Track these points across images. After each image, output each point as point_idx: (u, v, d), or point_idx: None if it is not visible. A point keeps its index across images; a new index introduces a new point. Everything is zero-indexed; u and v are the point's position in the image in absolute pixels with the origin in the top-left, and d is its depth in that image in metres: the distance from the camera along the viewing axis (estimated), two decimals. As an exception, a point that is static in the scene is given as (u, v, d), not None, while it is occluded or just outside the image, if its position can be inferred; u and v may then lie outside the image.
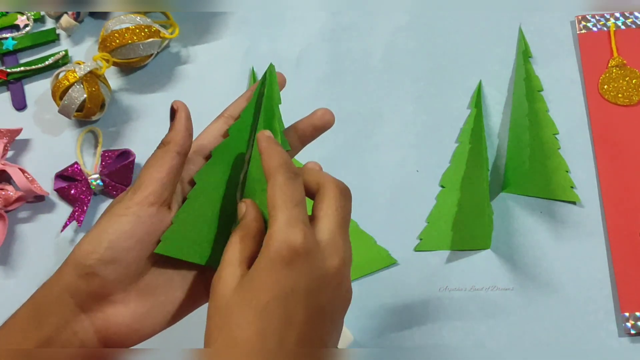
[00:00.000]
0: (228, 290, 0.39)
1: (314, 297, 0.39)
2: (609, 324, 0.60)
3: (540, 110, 0.67)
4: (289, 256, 0.38)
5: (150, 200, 0.42)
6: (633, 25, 0.69)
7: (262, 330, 0.38)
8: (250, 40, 0.72)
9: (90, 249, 0.41)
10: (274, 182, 0.40)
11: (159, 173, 0.43)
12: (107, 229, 0.42)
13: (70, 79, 0.65)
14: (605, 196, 0.64)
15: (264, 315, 0.38)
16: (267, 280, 0.38)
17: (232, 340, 0.38)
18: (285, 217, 0.39)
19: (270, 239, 0.39)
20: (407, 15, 0.72)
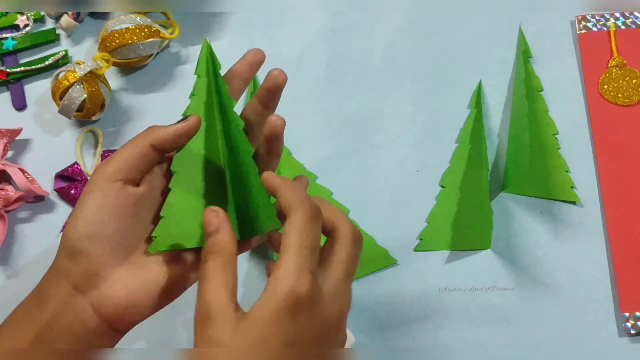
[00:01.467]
0: (226, 336, 0.38)
1: (315, 344, 0.40)
2: (609, 324, 0.60)
3: (540, 110, 0.67)
4: (294, 306, 0.38)
5: (116, 176, 0.44)
6: (633, 25, 0.69)
7: None
8: (250, 40, 0.72)
9: (70, 229, 0.43)
10: (294, 221, 0.40)
11: (127, 153, 0.44)
12: (80, 207, 0.43)
13: (70, 79, 0.65)
14: (605, 196, 0.64)
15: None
16: (274, 329, 0.38)
17: None
18: (297, 263, 0.39)
19: (279, 285, 0.38)
20: (407, 15, 0.72)
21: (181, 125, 0.45)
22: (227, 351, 0.38)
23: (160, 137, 0.45)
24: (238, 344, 0.38)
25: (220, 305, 0.39)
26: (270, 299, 0.38)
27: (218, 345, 0.38)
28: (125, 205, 0.44)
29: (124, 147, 0.45)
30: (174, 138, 0.45)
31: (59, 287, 0.43)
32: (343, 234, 0.42)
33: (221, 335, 0.38)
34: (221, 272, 0.40)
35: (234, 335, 0.38)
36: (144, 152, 0.44)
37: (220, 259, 0.41)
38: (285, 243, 0.40)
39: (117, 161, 0.44)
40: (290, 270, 0.39)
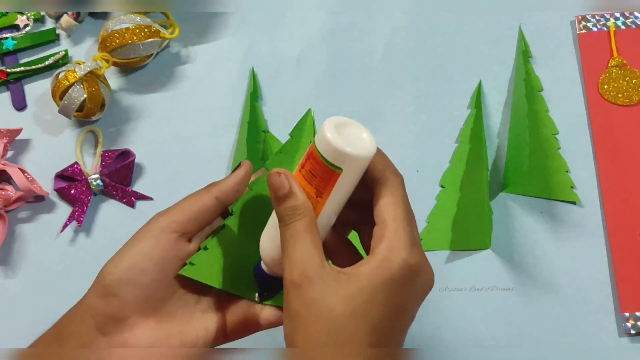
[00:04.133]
0: (328, 297, 0.38)
1: (415, 310, 0.40)
2: (609, 324, 0.60)
3: (540, 110, 0.67)
4: (408, 277, 0.38)
5: (173, 227, 0.43)
6: (633, 25, 0.69)
7: (374, 344, 0.38)
8: (250, 40, 0.72)
9: (110, 269, 0.43)
10: (395, 190, 0.40)
11: (190, 206, 0.44)
12: (128, 251, 0.43)
13: (70, 79, 0.65)
14: (605, 196, 0.64)
15: (376, 332, 0.38)
16: (383, 299, 0.38)
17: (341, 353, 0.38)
18: (409, 234, 0.39)
19: (392, 255, 0.38)
20: (407, 15, 0.72)
21: (238, 172, 0.45)
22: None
23: (224, 189, 0.45)
24: (343, 307, 0.37)
25: (316, 263, 0.38)
26: (384, 267, 0.38)
27: (320, 307, 0.37)
28: (172, 259, 0.44)
29: (185, 200, 0.45)
30: (236, 186, 0.45)
31: (83, 326, 0.43)
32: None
33: (323, 296, 0.38)
34: (309, 232, 0.39)
35: (337, 295, 0.38)
36: (207, 204, 0.44)
37: (306, 220, 0.40)
38: (392, 212, 0.39)
39: (177, 212, 0.44)
40: (403, 241, 0.38)
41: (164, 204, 0.66)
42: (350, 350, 0.37)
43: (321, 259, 0.39)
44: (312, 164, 0.40)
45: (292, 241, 0.39)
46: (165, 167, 0.68)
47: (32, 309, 0.64)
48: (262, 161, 0.65)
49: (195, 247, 0.45)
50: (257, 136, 0.67)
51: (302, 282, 0.38)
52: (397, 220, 0.39)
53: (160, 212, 0.44)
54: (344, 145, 0.38)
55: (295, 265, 0.39)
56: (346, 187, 0.40)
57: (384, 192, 0.40)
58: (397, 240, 0.39)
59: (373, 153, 0.39)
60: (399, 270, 0.38)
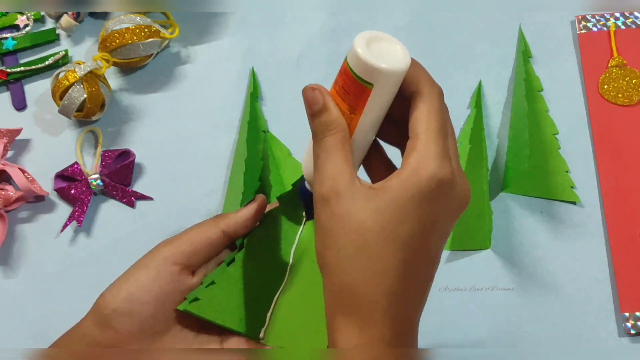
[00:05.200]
0: (358, 211, 0.36)
1: (448, 227, 0.39)
2: (609, 324, 0.60)
3: (540, 110, 0.67)
4: (436, 190, 0.37)
5: (176, 259, 0.42)
6: (633, 25, 0.69)
7: (403, 263, 0.37)
8: (250, 40, 0.72)
9: (108, 298, 0.42)
10: (430, 103, 0.38)
11: (196, 237, 0.43)
12: (128, 280, 0.42)
13: (70, 79, 0.65)
14: (605, 196, 0.64)
15: (406, 248, 0.37)
16: (411, 213, 0.36)
17: (370, 268, 0.36)
18: (440, 147, 0.37)
19: (421, 167, 0.37)
20: (407, 15, 0.72)
21: (250, 207, 0.44)
22: None
23: (232, 223, 0.44)
24: (372, 221, 0.36)
25: (346, 179, 0.37)
26: (412, 180, 0.36)
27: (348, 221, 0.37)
28: (173, 292, 0.43)
29: (192, 231, 0.43)
30: (245, 221, 0.44)
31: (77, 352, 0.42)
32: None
33: (352, 210, 0.37)
34: (341, 148, 0.38)
35: (365, 210, 0.36)
36: (214, 237, 0.43)
37: (338, 135, 0.38)
38: (424, 125, 0.37)
39: (182, 243, 0.43)
40: (432, 153, 0.37)
41: (164, 204, 0.67)
42: (379, 267, 0.36)
43: (351, 175, 0.38)
44: (344, 80, 0.39)
45: (323, 156, 0.38)
46: (165, 167, 0.68)
47: (32, 309, 0.64)
48: (261, 161, 0.65)
49: (198, 280, 0.44)
50: (257, 136, 0.67)
51: (331, 197, 0.37)
52: (428, 133, 0.37)
53: (165, 241, 0.43)
54: (374, 60, 0.37)
55: (324, 180, 0.38)
56: (379, 102, 0.38)
57: (418, 104, 0.38)
58: (427, 152, 0.37)
59: (405, 68, 0.38)
60: (427, 184, 0.36)
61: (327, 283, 0.38)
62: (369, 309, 0.37)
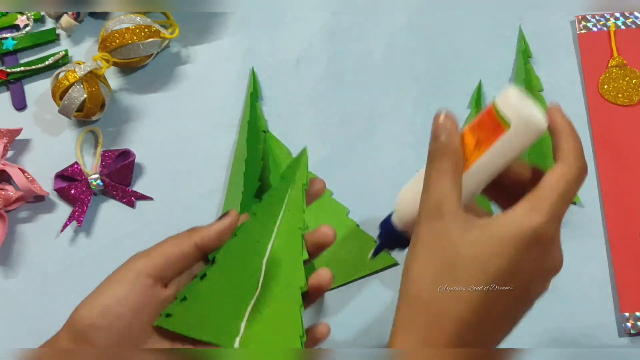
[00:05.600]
0: (455, 234, 0.39)
1: (536, 285, 0.41)
2: (609, 324, 0.60)
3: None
4: (536, 243, 0.38)
5: (150, 272, 0.43)
6: (633, 25, 0.69)
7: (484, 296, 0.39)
8: (250, 40, 0.72)
9: (83, 313, 0.42)
10: (568, 169, 0.39)
11: (169, 250, 0.44)
12: (102, 294, 0.42)
13: (70, 79, 0.65)
14: (605, 196, 0.64)
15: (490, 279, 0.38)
16: (505, 252, 0.38)
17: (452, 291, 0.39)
18: (555, 207, 0.39)
19: (531, 217, 0.38)
20: (407, 15, 0.72)
21: (223, 221, 0.45)
22: None
23: (205, 236, 0.44)
24: (467, 248, 0.38)
25: (452, 203, 0.39)
26: (516, 224, 0.38)
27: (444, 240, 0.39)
28: (148, 305, 0.43)
29: (165, 244, 0.44)
30: (218, 235, 0.45)
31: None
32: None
33: (451, 232, 0.39)
34: (452, 173, 0.40)
35: (464, 236, 0.39)
36: (187, 251, 0.44)
37: (452, 161, 0.40)
38: (554, 182, 0.39)
39: (155, 256, 0.43)
40: (547, 209, 0.38)
41: (164, 204, 0.67)
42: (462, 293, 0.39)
43: (457, 200, 0.39)
44: (483, 117, 0.40)
45: (435, 175, 0.40)
46: (165, 167, 0.68)
47: (32, 309, 0.64)
48: (261, 161, 0.65)
49: (172, 293, 0.44)
50: (257, 136, 0.67)
51: (435, 214, 0.39)
52: (553, 190, 0.39)
53: (138, 254, 0.44)
54: (521, 102, 0.39)
55: (432, 197, 0.40)
56: (508, 146, 0.40)
57: (558, 164, 0.40)
58: (543, 206, 0.38)
59: (543, 126, 0.40)
60: (530, 234, 0.38)
61: (405, 292, 0.40)
62: (437, 328, 0.39)
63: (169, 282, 0.44)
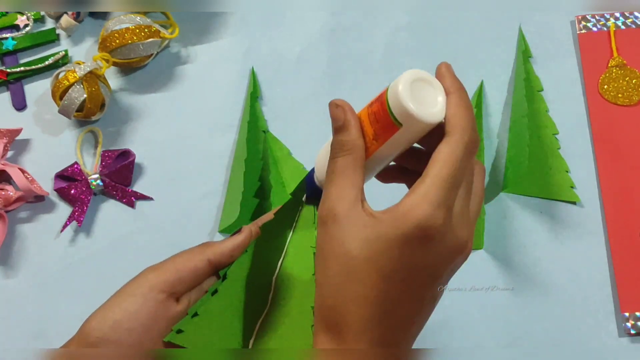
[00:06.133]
0: (350, 239, 0.38)
1: (438, 270, 0.39)
2: (609, 324, 0.60)
3: (540, 110, 0.67)
4: (423, 237, 0.37)
5: (162, 287, 0.43)
6: (633, 25, 0.69)
7: (382, 295, 0.37)
8: (250, 40, 0.72)
9: (94, 326, 0.42)
10: (449, 149, 0.37)
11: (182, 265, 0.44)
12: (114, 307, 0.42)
13: (70, 79, 0.65)
14: (605, 196, 0.64)
15: (388, 281, 0.37)
16: (396, 251, 0.37)
17: (353, 293, 0.38)
18: (437, 196, 0.37)
19: (413, 210, 0.37)
20: (407, 15, 0.72)
21: (237, 238, 0.45)
22: None
23: (218, 252, 0.45)
24: (360, 250, 0.37)
25: (348, 203, 0.38)
26: (402, 221, 0.37)
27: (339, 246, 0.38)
28: (159, 319, 0.43)
29: (178, 258, 0.44)
30: (231, 251, 0.45)
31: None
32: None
33: (344, 235, 0.38)
34: (351, 170, 0.39)
35: (356, 238, 0.38)
36: (199, 266, 0.44)
37: (350, 157, 0.39)
38: (436, 169, 0.37)
39: (168, 271, 0.43)
40: (429, 200, 0.37)
41: (164, 204, 0.67)
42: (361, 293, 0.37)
43: (355, 199, 0.38)
44: (377, 108, 0.39)
45: (331, 176, 0.39)
46: (165, 167, 0.68)
47: (32, 309, 0.64)
48: (261, 161, 0.66)
49: (183, 307, 0.44)
50: (257, 136, 0.67)
51: (328, 220, 0.38)
52: (435, 178, 0.37)
53: (150, 268, 0.44)
54: (410, 104, 0.37)
55: (326, 202, 0.39)
56: (403, 141, 0.39)
57: (441, 147, 0.37)
58: (425, 197, 0.37)
59: (436, 121, 0.37)
60: (414, 229, 0.37)
61: (316, 299, 0.39)
62: (346, 331, 0.38)
63: (180, 297, 0.45)
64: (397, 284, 0.38)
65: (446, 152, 0.37)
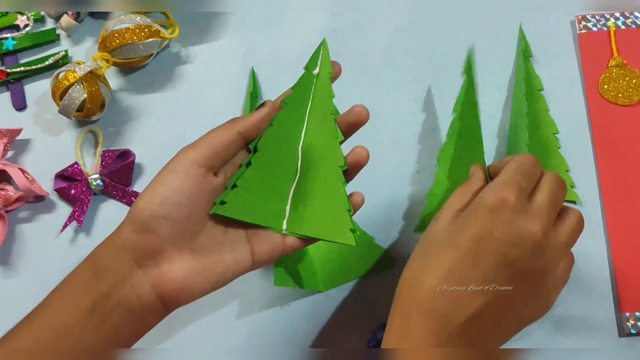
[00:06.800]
0: (440, 228, 0.47)
1: (505, 249, 0.44)
2: (609, 324, 0.60)
3: (540, 109, 0.67)
4: (494, 205, 0.44)
5: (200, 161, 0.45)
6: (633, 25, 0.69)
7: (453, 262, 0.45)
8: (250, 40, 0.72)
9: (144, 205, 0.44)
10: (517, 157, 0.48)
11: (216, 140, 0.46)
12: (160, 186, 0.45)
13: (70, 79, 0.65)
14: (605, 196, 0.64)
15: (457, 250, 0.45)
16: (469, 221, 0.45)
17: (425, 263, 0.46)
18: (506, 178, 0.46)
19: (485, 191, 0.46)
20: (407, 15, 0.72)
21: (262, 111, 0.48)
22: None
23: (247, 124, 0.47)
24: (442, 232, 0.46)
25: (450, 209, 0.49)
26: (481, 197, 0.46)
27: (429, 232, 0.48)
28: (202, 192, 0.46)
29: (210, 135, 0.47)
30: (259, 123, 0.48)
31: (120, 260, 0.45)
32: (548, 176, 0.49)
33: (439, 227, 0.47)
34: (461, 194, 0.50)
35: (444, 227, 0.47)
36: (232, 139, 0.47)
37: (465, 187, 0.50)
38: (506, 168, 0.47)
39: (203, 147, 0.46)
40: (497, 182, 0.46)
41: (164, 204, 0.66)
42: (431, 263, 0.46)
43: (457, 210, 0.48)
44: None
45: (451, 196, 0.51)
46: (165, 167, 0.68)
47: (32, 309, 0.64)
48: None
49: (222, 180, 0.47)
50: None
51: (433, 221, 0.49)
52: (506, 171, 0.46)
53: (186, 147, 0.46)
54: None
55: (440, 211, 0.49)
56: None
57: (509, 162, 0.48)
58: (498, 180, 0.46)
59: None
60: (486, 198, 0.45)
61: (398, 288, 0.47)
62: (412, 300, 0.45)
63: (218, 171, 0.47)
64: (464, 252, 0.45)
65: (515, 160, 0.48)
